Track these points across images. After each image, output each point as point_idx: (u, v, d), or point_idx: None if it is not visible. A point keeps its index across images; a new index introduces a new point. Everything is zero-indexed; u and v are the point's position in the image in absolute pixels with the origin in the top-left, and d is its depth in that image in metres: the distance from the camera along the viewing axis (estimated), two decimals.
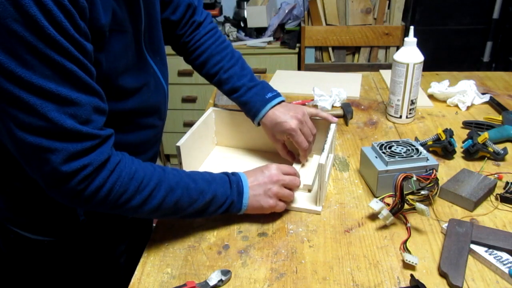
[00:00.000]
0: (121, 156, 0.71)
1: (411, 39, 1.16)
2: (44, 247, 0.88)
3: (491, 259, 0.74)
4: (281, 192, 0.84)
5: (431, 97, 1.38)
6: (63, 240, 0.89)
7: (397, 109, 1.22)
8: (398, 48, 2.42)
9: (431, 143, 1.05)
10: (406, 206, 0.83)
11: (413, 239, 0.80)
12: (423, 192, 0.83)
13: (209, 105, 1.36)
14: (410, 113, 1.22)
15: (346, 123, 1.25)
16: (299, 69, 2.53)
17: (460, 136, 1.12)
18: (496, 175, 0.96)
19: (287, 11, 2.51)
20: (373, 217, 0.86)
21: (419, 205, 0.80)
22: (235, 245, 0.80)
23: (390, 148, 0.94)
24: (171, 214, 0.77)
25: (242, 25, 2.59)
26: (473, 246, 0.76)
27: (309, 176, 0.98)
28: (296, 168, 0.99)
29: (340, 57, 2.54)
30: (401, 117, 1.23)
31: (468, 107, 1.30)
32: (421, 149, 0.93)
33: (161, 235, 0.84)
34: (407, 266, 0.74)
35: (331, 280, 0.72)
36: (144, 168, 0.72)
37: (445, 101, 1.34)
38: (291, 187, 0.86)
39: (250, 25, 2.51)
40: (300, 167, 1.01)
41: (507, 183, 0.92)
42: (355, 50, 2.54)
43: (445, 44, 2.42)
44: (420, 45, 1.16)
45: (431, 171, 0.84)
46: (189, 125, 2.61)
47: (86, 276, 0.95)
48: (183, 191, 0.75)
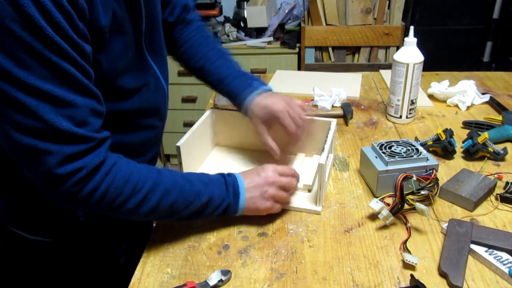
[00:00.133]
0: (117, 158, 0.70)
1: (411, 39, 1.16)
2: (44, 248, 0.88)
3: (491, 259, 0.74)
4: (278, 194, 0.83)
5: (431, 97, 1.38)
6: (63, 241, 0.89)
7: (397, 109, 1.22)
8: (398, 48, 2.42)
9: (431, 143, 1.05)
10: (406, 206, 0.83)
11: (413, 239, 0.80)
12: (423, 192, 0.83)
13: (209, 105, 1.36)
14: (410, 113, 1.22)
15: (346, 123, 1.25)
16: (299, 69, 2.53)
17: (460, 136, 1.12)
18: (496, 175, 0.96)
19: (287, 11, 2.51)
20: (373, 217, 0.86)
21: (419, 205, 0.80)
22: (235, 245, 0.80)
23: (390, 148, 0.94)
24: (167, 216, 0.76)
25: (242, 25, 2.59)
26: (473, 246, 0.76)
27: (309, 176, 0.98)
28: (296, 167, 0.99)
29: (340, 57, 2.54)
30: (401, 117, 1.23)
31: (468, 107, 1.30)
32: (421, 149, 0.93)
33: (161, 235, 0.84)
34: (407, 266, 0.74)
35: (331, 280, 0.72)
36: (139, 170, 0.72)
37: (445, 101, 1.34)
38: (287, 189, 0.85)
39: (250, 25, 2.51)
40: (300, 167, 1.01)
41: (507, 183, 0.92)
42: (355, 50, 2.54)
43: (445, 44, 2.42)
44: (420, 45, 1.16)
45: (431, 171, 0.84)
46: (189, 125, 2.61)
47: (86, 277, 0.95)
48: (179, 193, 0.74)
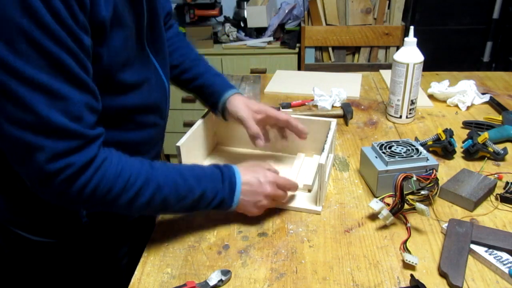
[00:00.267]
0: (108, 153, 0.69)
1: (411, 39, 1.16)
2: (46, 249, 0.88)
3: (491, 259, 0.74)
4: (269, 205, 0.85)
5: (431, 97, 1.38)
6: (65, 241, 0.88)
7: (397, 109, 1.22)
8: (398, 48, 2.42)
9: (431, 143, 1.05)
10: (406, 206, 0.83)
11: (413, 239, 0.80)
12: (423, 192, 0.83)
13: None
14: (410, 113, 1.22)
15: (346, 123, 1.25)
16: (299, 69, 2.53)
17: (460, 136, 1.12)
18: (496, 175, 0.96)
19: (287, 11, 2.51)
20: (373, 217, 0.86)
21: (419, 205, 0.80)
22: (235, 245, 0.80)
23: (390, 148, 0.94)
24: (160, 210, 0.76)
25: (242, 25, 2.59)
26: (473, 246, 0.76)
27: (309, 176, 0.98)
28: (296, 167, 0.99)
29: (340, 57, 2.54)
30: (401, 117, 1.23)
31: (468, 107, 1.30)
32: (421, 149, 0.93)
33: (161, 235, 0.84)
34: (407, 266, 0.74)
35: (331, 280, 0.72)
36: (131, 165, 0.71)
37: (445, 101, 1.34)
38: (279, 201, 0.88)
39: (250, 25, 2.51)
40: (300, 167, 1.01)
41: (507, 183, 0.92)
42: (355, 50, 2.54)
43: (445, 44, 2.42)
44: (420, 45, 1.16)
45: (431, 171, 0.84)
46: (189, 125, 2.61)
47: (88, 278, 0.95)
48: (171, 188, 0.73)
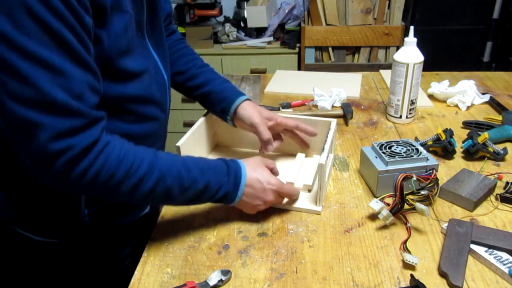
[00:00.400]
0: (110, 138, 0.68)
1: (411, 39, 1.16)
2: (48, 249, 0.88)
3: (491, 259, 0.74)
4: (265, 208, 0.85)
5: (431, 97, 1.38)
6: (68, 242, 0.88)
7: (397, 109, 1.22)
8: (398, 48, 2.42)
9: (431, 143, 1.05)
10: (406, 206, 0.83)
11: (413, 239, 0.80)
12: (423, 192, 0.83)
13: None
14: (410, 113, 1.22)
15: (346, 123, 1.25)
16: (299, 69, 2.53)
17: (460, 136, 1.12)
18: (496, 175, 0.96)
19: (287, 11, 2.51)
20: (373, 217, 0.86)
21: (419, 205, 0.80)
22: (235, 245, 0.80)
23: (390, 148, 0.94)
24: (163, 200, 0.75)
25: (242, 25, 2.59)
26: (473, 246, 0.76)
27: (309, 176, 0.98)
28: (296, 167, 0.99)
29: (340, 57, 2.54)
30: (401, 117, 1.23)
31: (468, 107, 1.30)
32: (421, 149, 0.93)
33: (161, 235, 0.84)
34: (407, 266, 0.74)
35: (331, 280, 0.72)
36: (135, 151, 0.70)
37: (445, 101, 1.34)
38: (276, 205, 0.88)
39: (250, 25, 2.51)
40: (300, 167, 1.01)
41: (507, 183, 0.92)
42: (355, 50, 2.54)
43: (445, 44, 2.42)
44: (420, 45, 1.16)
45: (431, 171, 0.84)
46: (189, 125, 2.61)
47: (90, 278, 0.94)
48: (175, 179, 0.72)
